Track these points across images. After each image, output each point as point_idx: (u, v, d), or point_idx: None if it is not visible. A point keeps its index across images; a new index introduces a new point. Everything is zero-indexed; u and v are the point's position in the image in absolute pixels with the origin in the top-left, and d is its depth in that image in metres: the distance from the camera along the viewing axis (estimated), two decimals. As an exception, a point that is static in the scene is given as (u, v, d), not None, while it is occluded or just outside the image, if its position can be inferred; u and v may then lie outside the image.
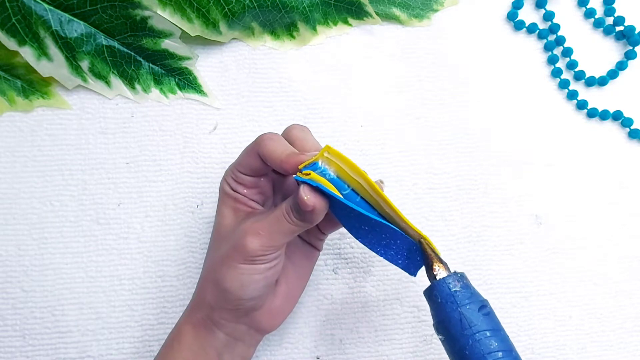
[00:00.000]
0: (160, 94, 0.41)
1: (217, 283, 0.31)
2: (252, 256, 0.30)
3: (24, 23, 0.38)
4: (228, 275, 0.31)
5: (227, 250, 0.31)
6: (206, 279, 0.33)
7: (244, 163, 0.33)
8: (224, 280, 0.31)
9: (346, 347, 0.40)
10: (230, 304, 0.31)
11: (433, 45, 0.44)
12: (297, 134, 0.33)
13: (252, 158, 0.32)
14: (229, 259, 0.31)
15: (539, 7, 0.45)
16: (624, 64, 0.44)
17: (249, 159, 0.32)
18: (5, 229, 0.39)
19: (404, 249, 0.32)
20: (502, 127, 0.44)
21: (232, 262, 0.30)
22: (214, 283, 0.32)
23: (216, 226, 0.34)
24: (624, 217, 0.44)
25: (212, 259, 0.33)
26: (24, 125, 0.40)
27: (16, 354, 0.38)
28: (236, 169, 0.33)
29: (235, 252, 0.30)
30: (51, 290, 0.39)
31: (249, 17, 0.41)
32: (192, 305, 0.34)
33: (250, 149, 0.32)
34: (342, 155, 0.29)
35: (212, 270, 0.32)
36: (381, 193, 0.30)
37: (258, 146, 0.31)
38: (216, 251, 0.33)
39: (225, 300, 0.31)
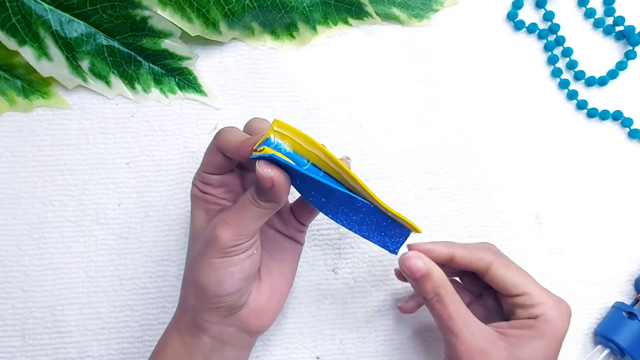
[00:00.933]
0: (160, 94, 0.41)
1: (196, 283, 0.31)
2: (224, 248, 0.30)
3: (24, 23, 0.38)
4: (204, 272, 0.30)
5: (200, 248, 0.31)
6: (186, 282, 0.33)
7: (207, 162, 0.33)
8: (200, 278, 0.30)
9: (346, 347, 0.40)
10: (210, 303, 0.31)
11: (433, 45, 0.44)
12: (256, 125, 0.33)
13: (213, 155, 0.32)
14: (203, 255, 0.31)
15: (539, 7, 0.45)
16: (624, 64, 0.44)
17: (212, 157, 0.32)
18: (5, 229, 0.39)
19: (376, 223, 0.31)
20: (502, 127, 0.44)
21: (206, 258, 0.30)
22: (193, 284, 0.31)
23: (191, 230, 0.34)
24: (624, 217, 0.44)
25: (188, 260, 0.33)
26: (24, 125, 0.40)
27: (16, 353, 0.38)
28: (202, 170, 0.33)
29: (208, 247, 0.30)
30: (51, 290, 0.39)
31: (249, 17, 0.41)
32: (177, 312, 0.33)
33: (212, 146, 0.32)
34: (293, 128, 0.28)
35: (190, 272, 0.32)
36: (342, 164, 0.29)
37: (216, 140, 0.32)
38: (191, 252, 0.33)
39: (206, 300, 0.31)
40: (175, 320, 0.33)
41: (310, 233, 0.41)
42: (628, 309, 0.40)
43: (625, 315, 0.40)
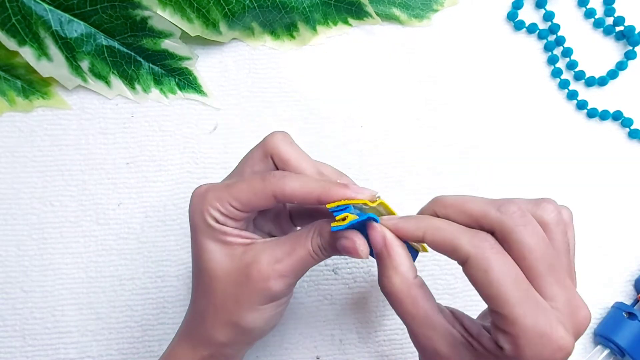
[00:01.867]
0: (160, 94, 0.41)
1: (237, 325, 0.29)
2: (278, 298, 0.29)
3: (24, 23, 0.38)
4: (250, 317, 0.29)
5: (240, 293, 0.28)
6: (215, 321, 0.30)
7: (245, 200, 0.28)
8: (246, 322, 0.29)
9: (346, 347, 0.40)
10: (251, 338, 0.30)
11: (433, 45, 0.44)
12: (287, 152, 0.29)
13: (262, 199, 0.28)
14: (248, 302, 0.28)
15: (539, 7, 0.45)
16: (624, 64, 0.44)
17: (258, 200, 0.28)
18: (5, 229, 0.39)
19: None
20: (502, 127, 0.44)
21: (253, 305, 0.28)
22: (232, 325, 0.29)
23: (205, 264, 0.29)
24: (624, 217, 0.44)
25: (216, 300, 0.29)
26: (23, 125, 0.40)
27: (16, 354, 0.38)
28: (227, 202, 0.28)
29: (256, 295, 0.28)
30: (51, 291, 0.39)
31: (249, 17, 0.41)
32: (192, 342, 0.31)
33: (262, 187, 0.27)
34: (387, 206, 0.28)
35: (224, 312, 0.29)
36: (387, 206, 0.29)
37: (275, 187, 0.27)
38: (218, 292, 0.29)
39: (247, 337, 0.30)
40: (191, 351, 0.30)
41: (310, 233, 0.41)
42: (628, 309, 0.40)
43: (625, 316, 0.40)
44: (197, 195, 0.29)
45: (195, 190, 0.30)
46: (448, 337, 0.27)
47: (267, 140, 0.30)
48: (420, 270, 0.41)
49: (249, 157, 0.30)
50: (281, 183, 0.27)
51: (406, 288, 0.27)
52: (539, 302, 0.24)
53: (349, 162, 0.42)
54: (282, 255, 0.28)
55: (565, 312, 0.24)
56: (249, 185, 0.28)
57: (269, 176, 0.28)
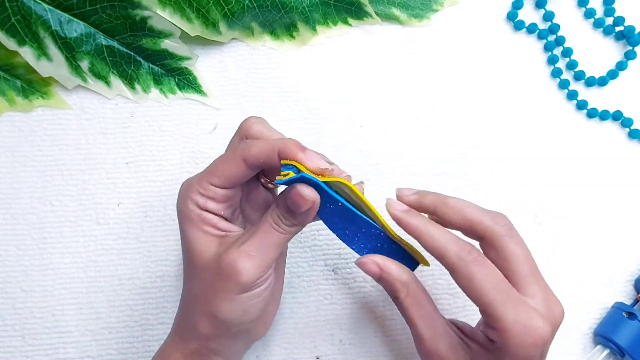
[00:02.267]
0: (160, 94, 0.41)
1: (214, 315, 0.29)
2: (249, 284, 0.29)
3: (24, 23, 0.38)
4: (225, 307, 0.29)
5: (216, 283, 0.29)
6: (195, 311, 0.30)
7: (220, 173, 0.29)
8: (221, 312, 0.29)
9: (346, 347, 0.40)
10: (231, 332, 0.30)
11: (433, 45, 0.44)
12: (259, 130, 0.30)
13: (234, 166, 0.29)
14: (223, 291, 0.29)
15: (539, 7, 0.45)
16: (623, 64, 0.44)
17: (231, 167, 0.29)
18: (5, 229, 0.39)
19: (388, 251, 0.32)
20: (502, 127, 0.44)
21: (227, 294, 0.28)
22: (209, 315, 0.29)
23: (188, 254, 0.30)
24: (624, 217, 0.44)
25: (196, 290, 0.30)
26: (23, 125, 0.40)
27: (16, 354, 0.38)
28: (208, 182, 0.29)
29: (227, 281, 0.28)
30: (51, 291, 0.39)
31: (248, 17, 0.41)
32: (181, 335, 0.31)
33: (233, 155, 0.29)
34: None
35: (203, 303, 0.30)
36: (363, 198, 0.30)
37: (244, 151, 0.29)
38: (198, 282, 0.30)
39: (226, 330, 0.30)
40: (179, 344, 0.31)
41: (310, 233, 0.41)
42: (628, 309, 0.40)
43: (625, 316, 0.40)
44: (183, 185, 0.31)
45: (182, 184, 0.31)
46: (447, 338, 0.30)
47: (242, 125, 0.31)
48: (421, 271, 0.41)
49: (229, 144, 0.32)
50: (247, 146, 0.29)
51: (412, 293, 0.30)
52: (520, 301, 0.28)
53: (349, 162, 0.42)
54: (248, 235, 0.29)
55: (544, 307, 0.29)
56: (222, 159, 0.30)
57: (238, 145, 0.30)
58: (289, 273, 0.41)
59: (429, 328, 0.30)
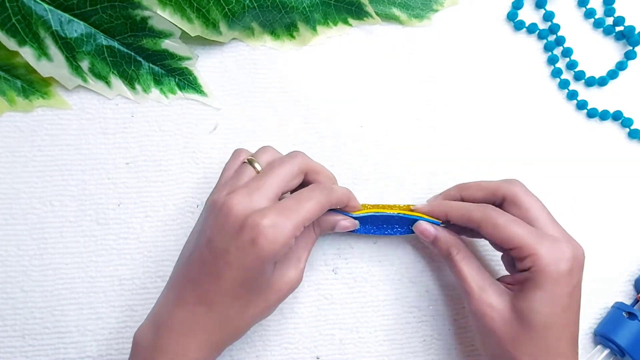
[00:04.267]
0: (160, 94, 0.41)
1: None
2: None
3: (24, 23, 0.38)
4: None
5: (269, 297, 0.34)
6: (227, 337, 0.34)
7: (313, 217, 0.33)
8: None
9: (346, 347, 0.40)
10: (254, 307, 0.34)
11: (433, 45, 0.44)
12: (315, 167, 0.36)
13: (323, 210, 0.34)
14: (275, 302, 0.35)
15: (539, 7, 0.45)
16: (624, 64, 0.44)
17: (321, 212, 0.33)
18: (5, 229, 0.39)
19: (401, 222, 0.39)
20: (502, 127, 0.44)
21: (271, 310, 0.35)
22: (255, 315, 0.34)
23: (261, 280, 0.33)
24: (624, 218, 0.44)
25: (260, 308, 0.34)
26: (24, 125, 0.40)
27: (16, 354, 0.38)
28: (303, 225, 0.32)
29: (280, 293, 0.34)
30: (51, 291, 0.39)
31: (249, 17, 0.41)
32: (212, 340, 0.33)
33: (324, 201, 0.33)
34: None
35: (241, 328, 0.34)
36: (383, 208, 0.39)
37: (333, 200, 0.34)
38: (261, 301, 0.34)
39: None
40: None
41: (310, 233, 0.41)
42: (628, 309, 0.40)
43: (625, 316, 0.40)
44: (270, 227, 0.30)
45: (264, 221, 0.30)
46: (494, 287, 0.35)
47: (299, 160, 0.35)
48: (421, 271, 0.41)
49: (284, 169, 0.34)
50: (339, 197, 0.35)
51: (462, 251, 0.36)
52: (544, 234, 0.33)
53: (349, 162, 0.42)
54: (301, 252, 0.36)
55: (565, 241, 0.33)
56: (315, 204, 0.33)
57: (334, 192, 0.35)
58: (289, 273, 0.41)
59: (478, 281, 0.35)
